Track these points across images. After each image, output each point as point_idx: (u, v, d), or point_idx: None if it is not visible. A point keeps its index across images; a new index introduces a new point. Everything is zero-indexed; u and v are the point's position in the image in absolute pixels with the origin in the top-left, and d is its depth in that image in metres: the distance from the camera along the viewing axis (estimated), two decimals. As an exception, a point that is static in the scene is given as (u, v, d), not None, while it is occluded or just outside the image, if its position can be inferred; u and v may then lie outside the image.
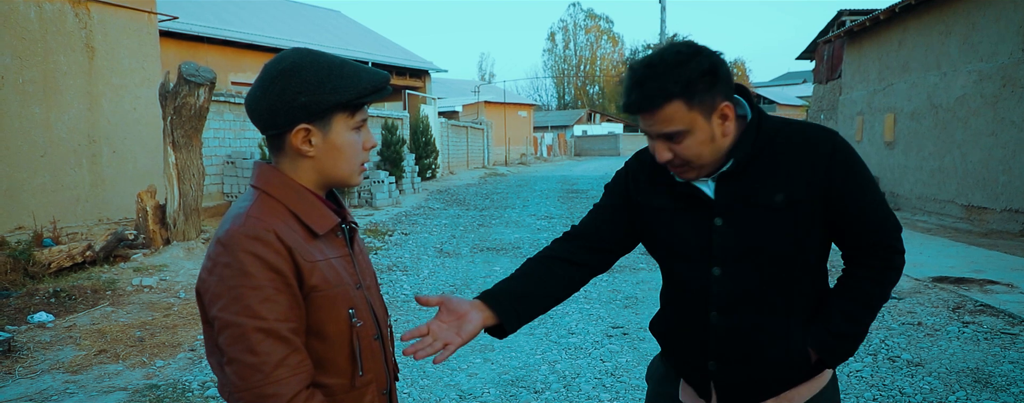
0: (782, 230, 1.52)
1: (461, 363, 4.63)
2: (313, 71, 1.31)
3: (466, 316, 1.60)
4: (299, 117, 1.31)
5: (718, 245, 1.55)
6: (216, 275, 1.24)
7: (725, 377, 1.62)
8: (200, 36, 16.40)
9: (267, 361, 1.22)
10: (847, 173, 1.52)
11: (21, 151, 9.01)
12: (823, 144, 1.53)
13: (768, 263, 1.54)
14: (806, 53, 21.36)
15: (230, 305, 1.22)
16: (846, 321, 1.56)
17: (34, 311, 5.80)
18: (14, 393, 4.18)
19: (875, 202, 1.55)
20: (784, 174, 1.52)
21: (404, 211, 14.01)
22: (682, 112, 1.44)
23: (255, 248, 1.23)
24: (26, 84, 9.09)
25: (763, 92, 52.66)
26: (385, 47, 25.62)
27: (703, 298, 1.59)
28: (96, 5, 10.02)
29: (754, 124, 1.55)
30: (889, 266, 1.58)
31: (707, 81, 1.43)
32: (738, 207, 1.54)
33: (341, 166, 1.38)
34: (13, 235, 8.35)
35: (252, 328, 1.21)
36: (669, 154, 1.50)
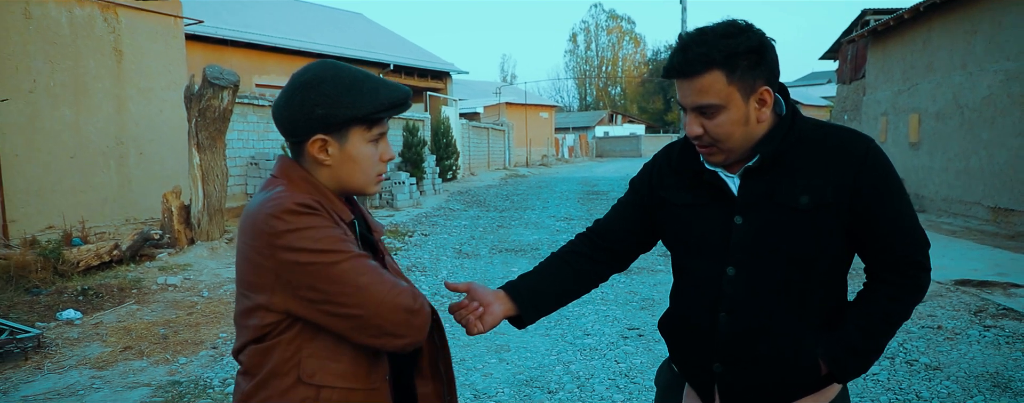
0: (803, 233, 1.48)
1: (476, 363, 4.69)
2: (333, 85, 1.38)
3: (490, 306, 1.68)
4: (316, 128, 1.38)
5: (736, 243, 1.52)
6: (288, 244, 1.27)
7: (730, 380, 1.58)
8: (225, 39, 16.63)
9: (382, 279, 1.32)
10: (878, 181, 1.47)
11: (52, 153, 9.22)
12: (857, 149, 1.49)
13: (785, 266, 1.50)
14: (829, 53, 21.16)
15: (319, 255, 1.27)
16: (862, 336, 1.51)
17: (63, 308, 5.95)
18: (43, 387, 4.30)
19: (904, 215, 1.50)
20: (812, 176, 1.48)
21: (424, 212, 14.11)
22: (720, 84, 1.43)
23: (309, 211, 1.31)
24: (57, 87, 9.31)
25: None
26: (407, 49, 25.79)
27: (714, 297, 1.56)
28: (124, 10, 10.22)
29: (787, 121, 1.52)
30: (913, 283, 1.52)
31: (752, 59, 1.43)
32: (761, 206, 1.51)
33: (356, 176, 1.45)
34: (44, 234, 8.55)
35: (347, 259, 1.29)
36: (700, 129, 1.48)
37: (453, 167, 21.33)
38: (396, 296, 1.31)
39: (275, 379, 1.35)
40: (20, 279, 6.81)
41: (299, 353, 1.34)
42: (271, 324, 1.33)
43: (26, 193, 8.84)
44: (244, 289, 1.36)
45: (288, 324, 1.33)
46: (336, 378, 1.36)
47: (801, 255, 1.49)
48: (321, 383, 1.35)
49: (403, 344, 1.36)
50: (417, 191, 16.26)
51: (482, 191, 19.28)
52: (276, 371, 1.35)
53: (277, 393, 1.34)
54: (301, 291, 1.29)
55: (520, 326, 1.78)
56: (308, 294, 1.29)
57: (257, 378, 1.36)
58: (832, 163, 1.48)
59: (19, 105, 8.83)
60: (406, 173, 15.73)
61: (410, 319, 1.33)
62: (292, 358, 1.34)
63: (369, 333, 1.32)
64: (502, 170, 30.04)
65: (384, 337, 1.33)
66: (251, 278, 1.33)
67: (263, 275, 1.31)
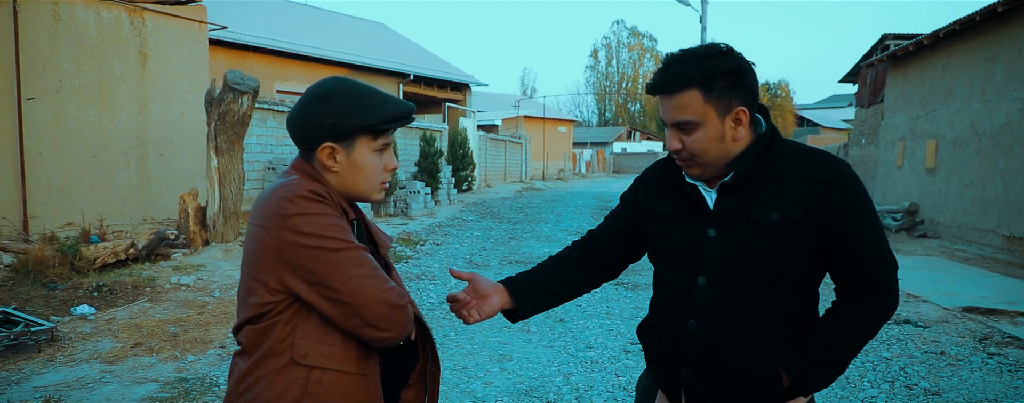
0: (772, 248, 1.55)
1: (478, 371, 4.74)
2: (343, 97, 1.50)
3: (489, 298, 1.80)
4: (325, 136, 1.50)
5: (707, 254, 1.60)
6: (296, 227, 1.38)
7: (695, 386, 1.65)
8: (248, 45, 16.89)
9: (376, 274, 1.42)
10: (848, 202, 1.54)
11: (75, 151, 9.41)
12: (829, 170, 1.56)
13: (753, 279, 1.57)
14: (849, 76, 21.11)
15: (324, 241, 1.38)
16: (824, 350, 1.56)
17: (77, 304, 6.08)
18: (54, 379, 4.41)
19: (872, 237, 1.56)
20: (783, 193, 1.55)
21: (438, 221, 14.20)
22: (697, 102, 1.52)
23: (319, 199, 1.43)
24: (82, 88, 9.52)
25: (807, 115, 51.91)
26: (428, 60, 26.01)
27: (685, 305, 1.64)
28: (151, 14, 10.44)
29: (765, 140, 1.60)
30: (879, 303, 1.56)
31: (729, 80, 1.52)
32: (733, 220, 1.58)
33: (361, 183, 1.56)
34: (63, 231, 8.71)
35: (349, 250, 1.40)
36: (679, 144, 1.58)
37: (469, 178, 21.44)
38: (384, 292, 1.41)
39: (270, 358, 1.44)
40: (38, 274, 6.96)
41: (293, 334, 1.43)
42: (270, 303, 1.42)
43: (48, 190, 9.03)
44: (248, 267, 1.46)
45: (285, 305, 1.42)
46: (326, 359, 1.45)
47: (768, 269, 1.56)
48: (313, 364, 1.43)
49: (383, 337, 1.44)
50: (432, 201, 16.37)
51: (496, 203, 19.37)
52: (271, 350, 1.43)
53: (272, 372, 1.43)
54: (300, 272, 1.38)
55: (514, 320, 1.88)
56: (306, 275, 1.38)
57: (254, 357, 1.45)
58: (805, 183, 1.56)
59: (45, 104, 9.04)
60: (421, 182, 15.84)
61: (393, 314, 1.42)
62: (287, 338, 1.43)
63: (353, 322, 1.41)
64: (518, 183, 30.12)
65: (366, 328, 1.42)
66: (256, 256, 1.43)
67: (267, 253, 1.40)
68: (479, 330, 5.79)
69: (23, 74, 8.69)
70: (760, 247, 1.55)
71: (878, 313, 1.58)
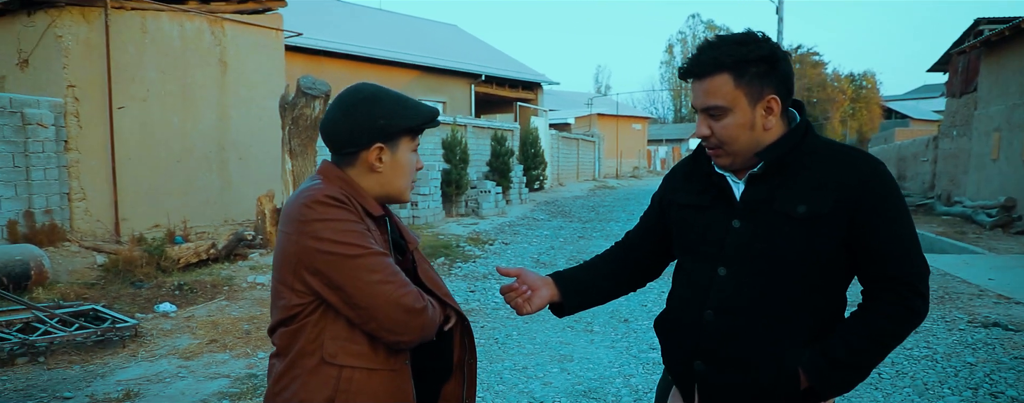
0: (796, 242, 1.50)
1: (538, 371, 4.73)
2: (390, 100, 1.58)
3: (538, 291, 1.79)
4: (377, 137, 1.55)
5: (730, 245, 1.57)
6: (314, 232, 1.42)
7: (709, 380, 1.61)
8: (324, 50, 17.39)
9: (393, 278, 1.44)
10: (878, 200, 1.49)
11: (161, 157, 9.91)
12: (862, 166, 1.52)
13: (774, 272, 1.52)
14: (939, 64, 20.05)
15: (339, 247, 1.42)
16: (845, 350, 1.49)
17: (161, 301, 6.40)
18: (135, 373, 4.65)
19: (902, 237, 1.50)
20: (813, 187, 1.51)
21: (508, 221, 14.26)
22: (728, 87, 1.49)
23: (337, 204, 1.46)
24: (167, 96, 10.00)
25: (895, 106, 49.53)
26: (499, 60, 26.16)
27: (703, 296, 1.61)
28: (230, 24, 10.88)
29: (798, 133, 1.56)
30: (906, 305, 1.50)
31: (761, 68, 1.49)
32: (760, 211, 1.54)
33: (399, 181, 1.61)
34: (150, 232, 9.19)
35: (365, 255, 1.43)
36: (708, 130, 1.55)
37: (540, 177, 21.44)
38: (401, 297, 1.43)
39: (302, 359, 1.48)
40: (127, 273, 7.37)
41: (322, 335, 1.47)
42: (298, 305, 1.46)
43: (137, 194, 9.53)
44: (275, 271, 1.51)
45: (314, 307, 1.46)
46: (355, 358, 1.48)
47: (792, 262, 1.51)
48: (342, 363, 1.47)
49: (399, 340, 1.46)
50: (503, 200, 16.46)
51: (568, 202, 19.31)
52: (303, 351, 1.48)
53: (305, 372, 1.48)
54: (319, 276, 1.42)
55: (561, 314, 1.87)
56: (325, 280, 1.42)
57: (288, 358, 1.50)
58: (835, 177, 1.51)
59: (134, 112, 9.54)
60: (492, 182, 15.95)
61: (409, 320, 1.44)
62: (316, 339, 1.47)
63: (372, 325, 1.44)
64: (591, 181, 29.94)
65: (383, 332, 1.45)
66: (280, 260, 1.48)
67: (288, 258, 1.45)
68: (541, 330, 5.78)
69: (114, 84, 9.20)
70: (785, 240, 1.51)
71: (905, 315, 1.50)
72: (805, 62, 45.39)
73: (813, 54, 45.76)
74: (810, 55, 45.76)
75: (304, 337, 1.47)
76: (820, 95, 44.70)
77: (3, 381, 4.44)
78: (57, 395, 4.22)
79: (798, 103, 1.60)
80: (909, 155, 21.20)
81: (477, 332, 5.76)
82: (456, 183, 14.60)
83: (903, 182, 21.37)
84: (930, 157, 19.09)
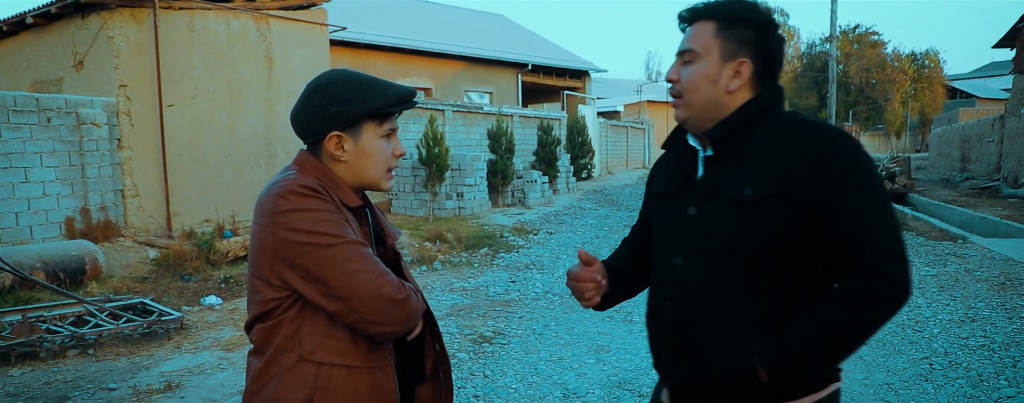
0: (745, 227, 1.42)
1: (574, 362, 4.67)
2: (344, 86, 1.49)
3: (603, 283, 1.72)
4: (331, 125, 1.49)
5: (684, 233, 1.53)
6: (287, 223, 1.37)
7: (673, 371, 1.58)
8: (371, 44, 17.53)
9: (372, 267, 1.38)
10: (835, 177, 1.36)
11: (210, 153, 10.14)
12: (816, 144, 1.40)
13: (724, 260, 1.45)
14: (1005, 40, 19.01)
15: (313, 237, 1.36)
16: (801, 342, 1.37)
17: (207, 294, 6.55)
18: (178, 365, 4.75)
19: (867, 217, 1.35)
20: (761, 167, 1.42)
21: (554, 210, 14.18)
22: (707, 34, 1.49)
23: (311, 193, 1.41)
24: (215, 93, 10.22)
25: (959, 85, 47.44)
26: (545, 49, 26.00)
27: (663, 286, 1.58)
28: (275, 20, 11.05)
29: (749, 109, 1.48)
30: (866, 289, 1.33)
31: (746, 31, 1.48)
32: (712, 196, 1.48)
33: (370, 170, 1.54)
34: (200, 227, 9.42)
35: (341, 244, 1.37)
36: (675, 75, 1.54)
37: (588, 166, 21.24)
38: (380, 286, 1.37)
39: (280, 356, 1.44)
40: (177, 267, 7.57)
41: (300, 331, 1.42)
42: (275, 299, 1.42)
43: (187, 189, 9.78)
44: (250, 265, 1.47)
45: (290, 302, 1.41)
46: (335, 355, 1.43)
47: (740, 249, 1.43)
48: (321, 360, 1.43)
49: (383, 331, 1.41)
50: (549, 189, 16.36)
51: (616, 190, 19.10)
52: (281, 348, 1.44)
53: (283, 369, 1.43)
54: (296, 269, 1.37)
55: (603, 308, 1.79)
56: (301, 272, 1.37)
57: (265, 356, 1.46)
58: (785, 157, 1.42)
59: (183, 109, 9.78)
60: (539, 172, 15.87)
61: (391, 309, 1.38)
62: (294, 336, 1.43)
63: (353, 318, 1.38)
64: (641, 169, 29.56)
65: (366, 323, 1.39)
66: (255, 254, 1.44)
67: (264, 251, 1.40)
68: (580, 320, 5.71)
69: (163, 83, 9.44)
70: (734, 225, 1.44)
71: (866, 301, 1.33)
72: (863, 42, 43.75)
73: (872, 34, 44.06)
74: (868, 35, 44.08)
75: (281, 334, 1.43)
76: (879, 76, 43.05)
77: (54, 372, 4.60)
78: (103, 386, 4.35)
79: (778, 88, 1.52)
80: (973, 136, 20.29)
81: (515, 322, 5.73)
82: (502, 173, 14.58)
83: (967, 164, 20.50)
84: (996, 138, 18.23)
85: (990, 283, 6.56)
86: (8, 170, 7.83)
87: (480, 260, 8.77)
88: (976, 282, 6.64)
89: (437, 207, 12.95)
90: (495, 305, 6.37)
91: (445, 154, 12.56)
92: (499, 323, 5.72)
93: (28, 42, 10.48)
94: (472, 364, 4.68)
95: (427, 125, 12.76)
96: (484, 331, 5.46)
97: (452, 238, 9.89)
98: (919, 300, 6.07)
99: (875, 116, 44.40)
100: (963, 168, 20.74)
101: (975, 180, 17.26)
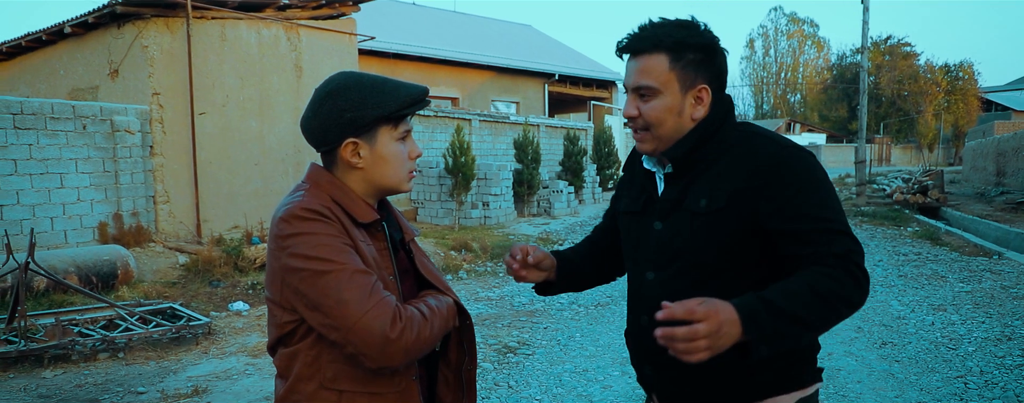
0: (705, 238, 1.47)
1: (598, 375, 4.64)
2: (356, 90, 1.44)
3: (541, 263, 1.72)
4: (347, 132, 1.44)
5: (652, 248, 1.56)
6: (289, 248, 1.34)
7: (659, 384, 1.60)
8: (399, 53, 17.68)
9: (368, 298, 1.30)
10: (780, 182, 1.41)
11: (239, 160, 10.27)
12: (763, 154, 1.46)
13: (694, 271, 1.49)
14: (1044, 52, 18.69)
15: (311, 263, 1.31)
16: (782, 295, 1.30)
17: (235, 300, 6.62)
18: (205, 370, 4.80)
19: (818, 218, 1.38)
20: (713, 180, 1.48)
21: (580, 221, 14.14)
22: (662, 68, 1.48)
23: (314, 217, 1.36)
24: (245, 101, 10.36)
25: (994, 97, 46.52)
26: (572, 59, 26.01)
27: (639, 302, 1.60)
28: (305, 30, 11.19)
29: (704, 126, 1.51)
30: (845, 267, 1.34)
31: (699, 56, 1.48)
32: (673, 211, 1.53)
33: (388, 175, 1.49)
34: (229, 233, 9.53)
35: (336, 271, 1.31)
36: (635, 111, 1.53)
37: (614, 176, 21.15)
38: (373, 320, 1.29)
39: (300, 383, 1.41)
40: (206, 273, 7.66)
41: (320, 359, 1.39)
42: (290, 322, 1.39)
43: (217, 196, 9.91)
44: (265, 288, 1.45)
45: (308, 327, 1.38)
46: (356, 383, 1.40)
47: (706, 260, 1.48)
48: (342, 388, 1.40)
49: (377, 367, 1.34)
50: (575, 200, 16.33)
51: (642, 201, 18.99)
52: (301, 375, 1.40)
53: (304, 397, 1.41)
54: (299, 296, 1.34)
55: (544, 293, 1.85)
56: (303, 300, 1.33)
57: (288, 382, 1.43)
58: (736, 168, 1.47)
59: (214, 118, 9.92)
60: (565, 182, 15.85)
61: (384, 347, 1.30)
62: (313, 363, 1.39)
63: (349, 349, 1.32)
64: (667, 180, 29.42)
65: (360, 356, 1.32)
66: (268, 277, 1.42)
67: (275, 276, 1.38)
68: (606, 332, 5.67)
69: (195, 91, 9.59)
70: (695, 237, 1.49)
71: (846, 277, 1.33)
72: (895, 54, 43.21)
73: (904, 45, 43.50)
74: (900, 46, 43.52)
75: (301, 360, 1.40)
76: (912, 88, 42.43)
77: (85, 375, 4.66)
78: (131, 390, 4.40)
79: (728, 98, 1.56)
80: (1009, 149, 19.88)
81: (540, 333, 5.71)
82: (528, 183, 14.58)
83: (1003, 178, 20.07)
84: (1033, 151, 17.85)
85: None
86: (44, 176, 8.00)
87: (505, 270, 8.75)
88: (1013, 299, 6.49)
89: (463, 216, 12.98)
90: (520, 315, 6.34)
91: (471, 163, 12.59)
92: (524, 333, 5.70)
93: (66, 51, 10.72)
94: (496, 374, 4.67)
95: (454, 134, 12.81)
96: (509, 341, 5.44)
97: (477, 247, 9.90)
98: (954, 317, 5.94)
99: (907, 129, 43.75)
100: (998, 182, 20.32)
101: (1011, 194, 16.90)
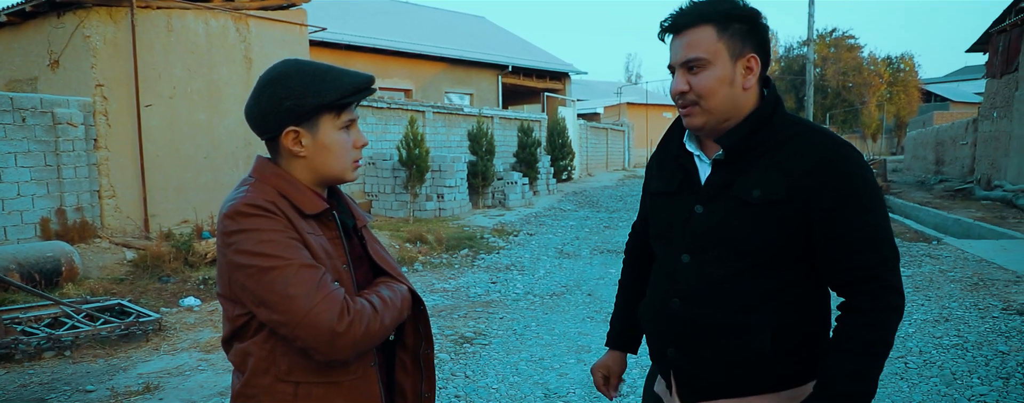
0: (753, 227, 1.47)
1: (554, 362, 4.70)
2: (298, 78, 1.43)
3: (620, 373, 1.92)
4: (286, 120, 1.42)
5: (691, 232, 1.55)
6: (234, 245, 1.34)
7: (681, 366, 1.59)
8: (351, 45, 17.47)
9: (315, 293, 1.31)
10: (839, 184, 1.43)
11: (188, 153, 10.05)
12: (823, 149, 1.45)
13: (734, 258, 1.49)
14: (978, 44, 19.40)
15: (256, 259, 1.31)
16: (851, 380, 1.40)
17: (185, 295, 6.50)
18: (157, 367, 4.72)
19: (867, 225, 1.43)
20: (769, 170, 1.47)
21: (535, 212, 14.22)
22: (710, 39, 1.47)
23: (259, 212, 1.35)
24: (193, 93, 10.14)
25: (934, 89, 48.16)
26: (526, 50, 26.05)
27: (670, 284, 1.59)
28: (255, 21, 10.98)
29: (763, 112, 1.51)
30: (886, 307, 1.42)
31: (744, 26, 1.48)
32: (720, 196, 1.52)
33: (331, 164, 1.48)
34: (178, 228, 9.33)
35: (282, 267, 1.31)
36: (685, 85, 1.50)
37: (568, 167, 21.33)
38: (320, 313, 1.30)
39: (256, 377, 1.41)
40: (155, 268, 7.50)
41: (274, 352, 1.40)
42: (242, 317, 1.40)
43: (165, 190, 9.69)
44: (217, 283, 1.45)
45: (260, 323, 1.38)
46: (312, 374, 1.41)
47: (749, 249, 1.48)
48: (298, 379, 1.40)
49: (327, 360, 1.36)
50: (530, 191, 16.41)
51: (596, 192, 19.18)
52: (256, 369, 1.41)
53: (260, 391, 1.41)
54: (245, 292, 1.34)
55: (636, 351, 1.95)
56: (250, 296, 1.34)
57: (243, 376, 1.43)
58: (794, 161, 1.46)
59: (161, 110, 9.69)
60: (519, 173, 15.91)
61: (332, 341, 1.31)
62: (268, 356, 1.40)
63: (298, 343, 1.33)
64: (621, 171, 29.69)
65: (310, 350, 1.33)
66: (218, 273, 1.42)
67: (223, 271, 1.39)
68: (561, 321, 5.74)
69: (141, 82, 9.34)
70: (742, 225, 1.48)
71: (889, 318, 1.42)
72: (840, 46, 44.32)
73: (848, 37, 44.62)
74: (845, 38, 44.65)
75: (255, 354, 1.40)
76: (856, 79, 43.62)
77: (30, 375, 4.54)
78: (79, 388, 4.30)
79: (768, 79, 1.56)
80: (948, 139, 20.64)
81: (496, 323, 5.75)
82: (482, 175, 14.60)
83: (941, 166, 20.83)
84: (969, 140, 18.57)
85: (963, 283, 6.68)
86: (-19, 170, 7.71)
87: (461, 261, 8.78)
88: (950, 282, 6.76)
89: (417, 208, 12.94)
90: (476, 306, 6.38)
91: (425, 155, 12.55)
92: (480, 324, 5.74)
93: (1, 41, 10.33)
94: (453, 365, 4.69)
95: (407, 126, 12.74)
96: (465, 332, 5.47)
97: (433, 239, 9.89)
98: (893, 300, 6.16)
99: (851, 119, 44.95)
100: (937, 170, 21.07)
101: (949, 182, 17.57)
